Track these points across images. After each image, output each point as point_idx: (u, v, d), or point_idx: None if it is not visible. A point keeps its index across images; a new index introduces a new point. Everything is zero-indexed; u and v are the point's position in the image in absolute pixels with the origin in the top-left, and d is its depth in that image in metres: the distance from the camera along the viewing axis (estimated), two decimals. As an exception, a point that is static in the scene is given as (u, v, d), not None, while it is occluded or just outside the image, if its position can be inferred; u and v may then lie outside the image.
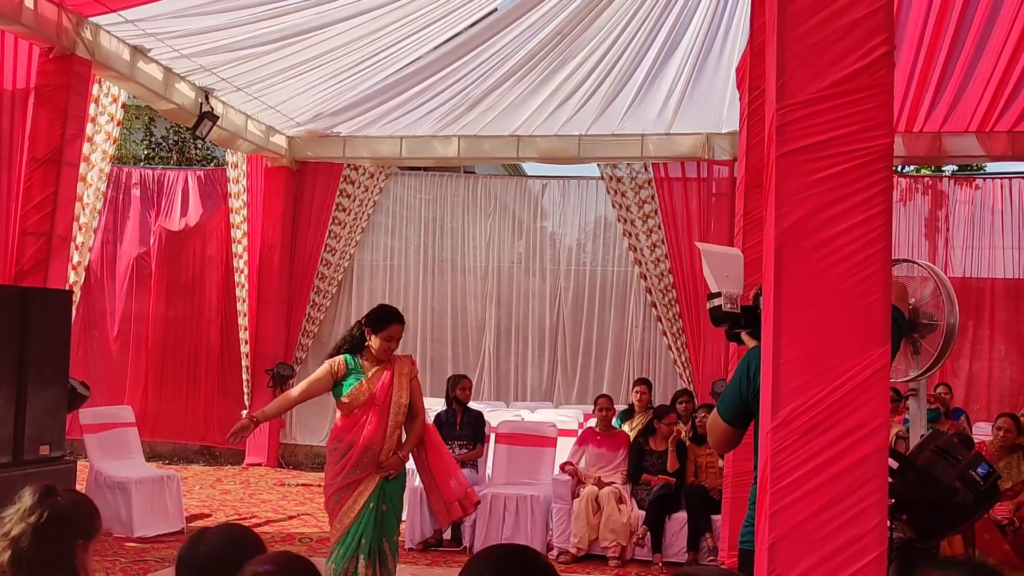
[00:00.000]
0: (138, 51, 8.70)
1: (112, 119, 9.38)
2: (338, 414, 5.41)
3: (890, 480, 2.82)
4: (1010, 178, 11.39)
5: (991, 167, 12.31)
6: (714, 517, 7.66)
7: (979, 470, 3.14)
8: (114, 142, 9.72)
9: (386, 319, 5.47)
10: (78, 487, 7.97)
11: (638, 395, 9.12)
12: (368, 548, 5.33)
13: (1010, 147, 10.09)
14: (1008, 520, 7.27)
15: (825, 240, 2.65)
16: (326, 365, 5.38)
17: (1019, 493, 7.56)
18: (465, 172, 13.56)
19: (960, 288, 7.79)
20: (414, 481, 8.71)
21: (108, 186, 11.17)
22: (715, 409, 3.72)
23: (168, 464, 11.58)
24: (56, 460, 6.87)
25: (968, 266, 11.41)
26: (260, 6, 8.00)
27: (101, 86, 8.99)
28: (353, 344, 5.44)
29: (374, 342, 5.39)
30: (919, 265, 4.26)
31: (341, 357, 5.39)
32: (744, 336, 3.73)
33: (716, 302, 3.65)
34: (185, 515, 8.60)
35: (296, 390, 5.49)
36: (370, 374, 5.37)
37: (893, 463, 3.16)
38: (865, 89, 2.64)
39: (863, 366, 2.62)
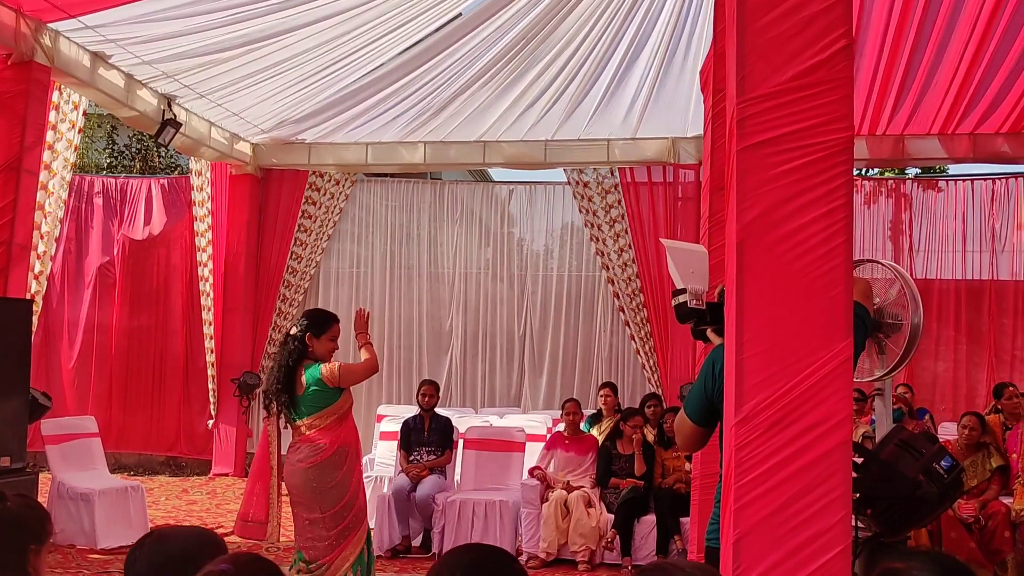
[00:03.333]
0: (98, 57, 8.60)
1: (73, 126, 9.30)
2: (311, 429, 5.26)
3: (854, 475, 2.81)
4: (972, 180, 11.49)
5: (953, 169, 12.42)
6: (683, 519, 7.64)
7: (943, 463, 3.15)
8: (75, 150, 9.63)
9: (328, 320, 5.44)
10: (40, 499, 7.88)
11: (603, 398, 9.13)
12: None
13: (972, 149, 10.18)
14: (974, 518, 7.32)
15: (787, 234, 2.65)
16: (332, 366, 5.26)
17: (984, 491, 7.62)
18: (431, 178, 13.52)
19: (924, 290, 7.82)
20: (382, 487, 8.73)
21: (70, 194, 11.07)
22: (682, 409, 3.71)
23: (133, 475, 11.44)
24: (17, 472, 6.78)
25: (932, 268, 11.50)
26: (222, 11, 7.93)
27: (61, 93, 8.91)
28: (298, 357, 5.32)
29: (320, 346, 5.32)
30: (883, 265, 4.27)
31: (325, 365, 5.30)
32: (710, 333, 3.72)
33: (681, 298, 3.63)
34: (150, 526, 8.49)
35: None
36: None
37: (857, 458, 3.16)
38: (825, 83, 2.64)
39: (826, 360, 2.62)
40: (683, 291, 3.62)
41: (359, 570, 5.28)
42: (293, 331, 5.37)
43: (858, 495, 3.06)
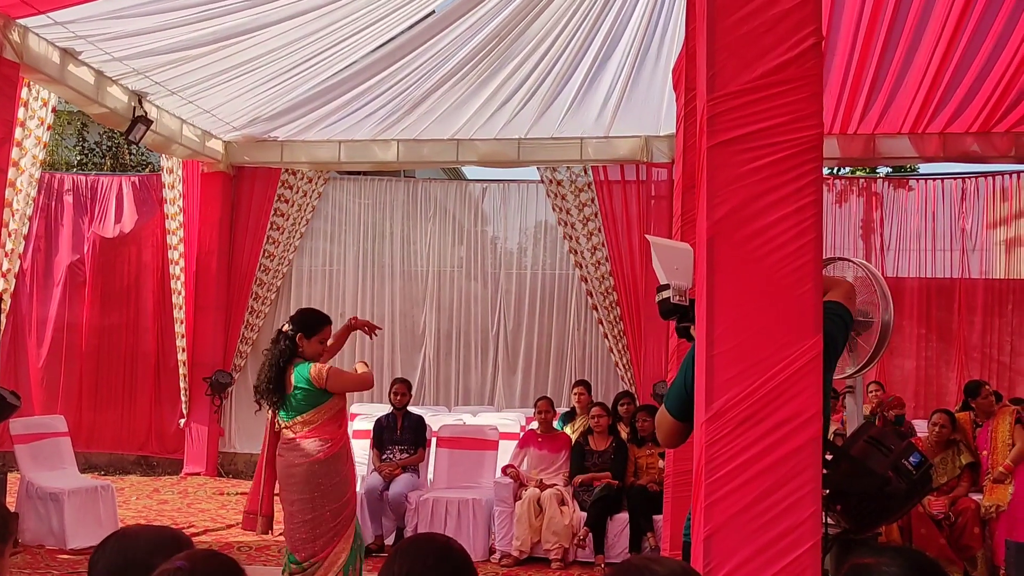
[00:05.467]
0: (68, 54, 8.51)
1: (42, 123, 9.20)
2: (305, 427, 5.29)
3: (824, 470, 2.83)
4: (942, 179, 11.58)
5: (924, 168, 12.51)
6: (656, 517, 7.66)
7: (911, 459, 3.16)
8: (45, 147, 9.53)
9: (320, 321, 5.44)
10: (9, 499, 7.80)
11: (577, 396, 9.16)
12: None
13: (942, 148, 10.26)
14: (944, 515, 7.38)
15: (757, 231, 2.65)
16: (321, 367, 5.29)
17: (954, 488, 7.69)
18: (405, 176, 13.49)
19: (895, 288, 7.87)
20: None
21: (40, 192, 10.98)
22: (662, 405, 3.71)
23: (104, 475, 11.35)
24: (-15, 471, 6.72)
25: (902, 266, 11.59)
26: (193, 8, 7.86)
27: (31, 89, 8.81)
28: (289, 356, 5.34)
29: (309, 347, 5.33)
30: (854, 263, 4.30)
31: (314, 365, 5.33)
32: (693, 330, 3.72)
33: (665, 294, 3.63)
34: (120, 526, 8.41)
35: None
36: None
37: (827, 454, 3.17)
38: (794, 80, 2.65)
39: (796, 356, 2.63)
40: (667, 287, 3.63)
41: (351, 571, 5.30)
42: (285, 328, 5.38)
43: (828, 491, 3.08)
